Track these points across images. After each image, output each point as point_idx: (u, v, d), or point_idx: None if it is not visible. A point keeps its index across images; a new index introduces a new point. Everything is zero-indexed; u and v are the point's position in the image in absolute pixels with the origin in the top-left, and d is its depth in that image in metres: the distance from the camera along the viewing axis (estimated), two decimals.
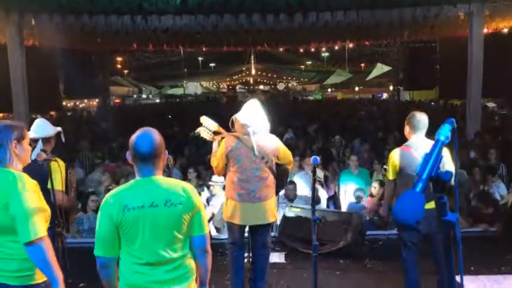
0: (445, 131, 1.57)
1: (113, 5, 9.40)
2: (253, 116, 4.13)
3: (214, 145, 4.23)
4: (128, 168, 8.36)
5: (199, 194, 5.01)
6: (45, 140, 3.86)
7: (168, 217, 2.28)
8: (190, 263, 2.41)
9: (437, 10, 9.69)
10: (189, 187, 2.40)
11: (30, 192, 2.38)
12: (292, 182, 6.59)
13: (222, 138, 4.17)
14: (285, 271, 5.08)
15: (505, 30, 11.33)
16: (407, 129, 4.02)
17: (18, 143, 2.52)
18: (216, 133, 4.17)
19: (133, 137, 2.33)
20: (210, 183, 6.47)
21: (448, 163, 3.68)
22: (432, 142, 1.63)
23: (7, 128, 2.51)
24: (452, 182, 1.55)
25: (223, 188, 4.99)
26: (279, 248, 5.71)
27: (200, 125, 4.16)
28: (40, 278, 2.46)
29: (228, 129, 4.26)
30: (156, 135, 2.35)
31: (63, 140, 3.89)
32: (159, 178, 2.34)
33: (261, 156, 4.08)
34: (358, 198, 6.92)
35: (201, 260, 2.43)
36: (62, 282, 2.38)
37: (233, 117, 4.17)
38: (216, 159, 4.18)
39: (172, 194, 2.29)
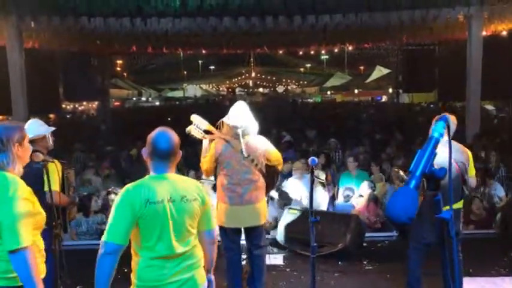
0: (438, 128, 1.57)
1: (112, 7, 9.41)
2: (241, 117, 4.10)
3: (205, 143, 4.19)
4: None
5: None
6: (40, 140, 3.85)
7: (184, 212, 2.41)
8: (200, 253, 2.53)
9: (436, 12, 9.70)
10: (200, 185, 2.60)
11: (21, 199, 2.31)
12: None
13: (212, 140, 4.15)
14: (283, 273, 5.07)
15: (504, 33, 11.32)
16: None
17: (20, 144, 2.46)
18: (206, 132, 4.14)
19: (153, 135, 2.44)
20: (201, 180, 6.43)
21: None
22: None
23: (8, 130, 2.44)
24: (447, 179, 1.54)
25: (213, 187, 5.00)
26: (277, 250, 5.71)
27: (191, 123, 4.11)
28: None
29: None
30: (174, 134, 2.46)
31: (51, 141, 3.89)
32: (174, 175, 2.47)
33: (251, 159, 4.06)
34: (347, 198, 6.91)
35: (209, 251, 2.61)
36: None
37: (221, 120, 4.15)
38: (206, 161, 4.14)
39: (187, 191, 2.44)
